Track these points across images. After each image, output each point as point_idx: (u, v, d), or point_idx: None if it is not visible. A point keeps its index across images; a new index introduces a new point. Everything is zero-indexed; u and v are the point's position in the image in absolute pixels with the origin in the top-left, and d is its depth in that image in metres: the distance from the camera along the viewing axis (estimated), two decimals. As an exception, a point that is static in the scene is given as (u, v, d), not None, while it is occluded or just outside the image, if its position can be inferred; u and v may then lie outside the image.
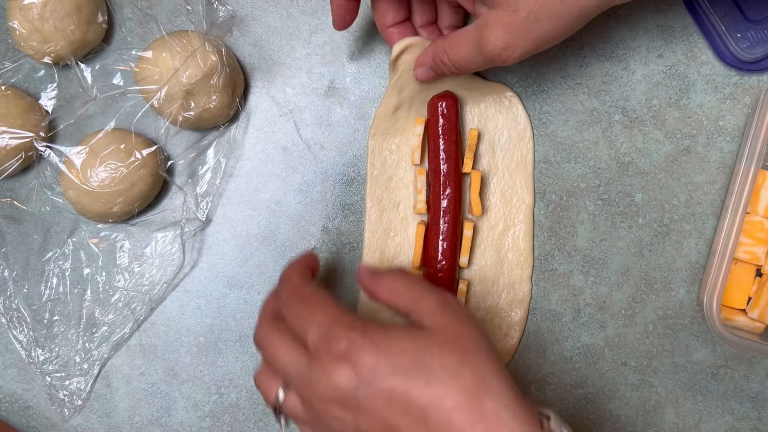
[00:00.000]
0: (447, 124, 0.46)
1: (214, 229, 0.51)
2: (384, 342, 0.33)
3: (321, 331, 0.34)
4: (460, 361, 0.32)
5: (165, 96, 0.45)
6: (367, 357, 0.32)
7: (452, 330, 0.34)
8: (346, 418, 0.33)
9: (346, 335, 0.33)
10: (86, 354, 0.50)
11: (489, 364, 0.33)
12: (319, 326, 0.34)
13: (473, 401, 0.31)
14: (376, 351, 0.32)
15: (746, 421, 0.49)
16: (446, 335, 0.34)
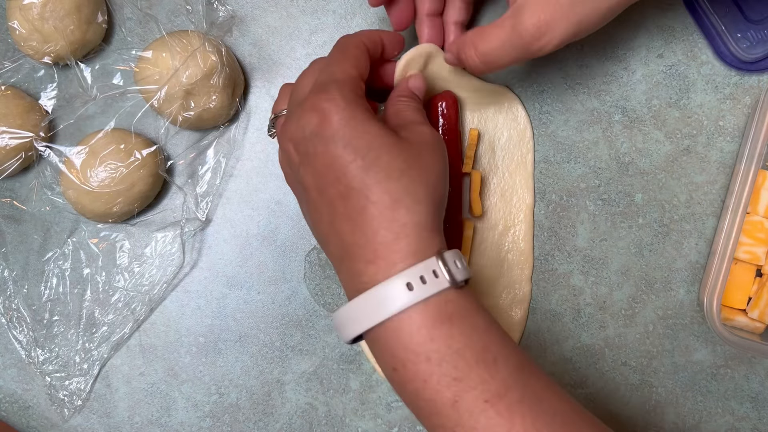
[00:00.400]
0: (447, 125, 0.46)
1: (214, 229, 0.51)
2: (358, 119, 0.35)
3: (324, 79, 0.36)
4: (405, 169, 0.34)
5: (165, 96, 0.45)
6: (336, 122, 0.34)
7: (418, 148, 0.36)
8: (294, 159, 0.37)
9: (335, 95, 0.35)
10: (86, 354, 0.50)
11: (428, 188, 0.35)
12: (328, 75, 0.36)
13: (391, 205, 0.33)
14: (348, 122, 0.34)
15: (746, 422, 0.49)
16: (410, 148, 0.35)
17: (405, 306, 0.32)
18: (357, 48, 0.39)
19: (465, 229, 0.48)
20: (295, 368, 0.50)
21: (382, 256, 0.33)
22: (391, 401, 0.50)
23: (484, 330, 0.33)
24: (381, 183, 0.34)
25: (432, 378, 0.32)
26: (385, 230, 0.33)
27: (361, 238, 0.34)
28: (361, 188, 0.34)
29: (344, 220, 0.34)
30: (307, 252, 0.50)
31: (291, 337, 0.50)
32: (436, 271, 0.33)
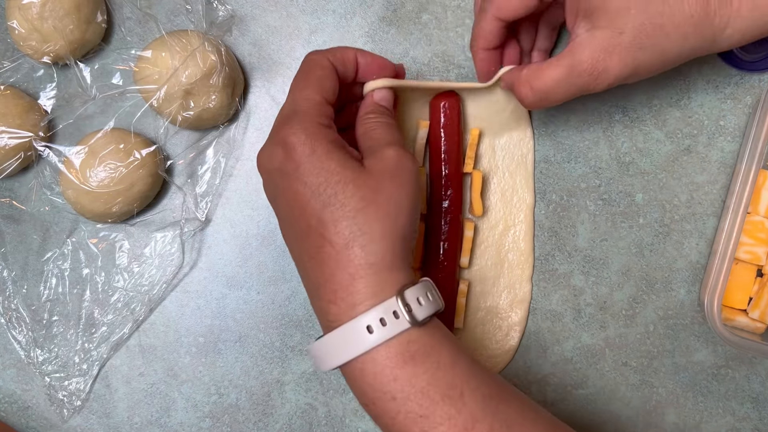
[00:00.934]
0: (449, 125, 0.46)
1: (213, 229, 0.51)
2: (318, 154, 0.35)
3: (287, 110, 0.37)
4: (361, 207, 0.34)
5: (164, 96, 0.45)
6: (297, 157, 0.35)
7: (379, 179, 0.35)
8: (268, 189, 0.38)
9: (297, 128, 0.35)
10: (85, 354, 0.50)
11: (387, 223, 0.34)
12: (291, 104, 0.37)
13: (345, 246, 0.34)
14: (308, 157, 0.34)
15: (747, 422, 0.49)
16: (370, 181, 0.35)
17: (367, 348, 0.33)
18: (322, 69, 0.38)
19: (465, 229, 0.48)
20: (295, 368, 0.50)
21: (342, 298, 0.34)
22: (391, 401, 0.50)
23: (449, 365, 0.33)
24: (336, 222, 0.34)
25: (399, 415, 0.33)
26: (342, 271, 0.34)
27: (321, 277, 0.34)
28: (317, 227, 0.34)
29: (308, 256, 0.35)
30: (307, 252, 0.50)
31: (291, 337, 0.50)
32: (396, 312, 0.33)
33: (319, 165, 0.34)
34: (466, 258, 0.48)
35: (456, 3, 0.50)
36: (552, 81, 0.39)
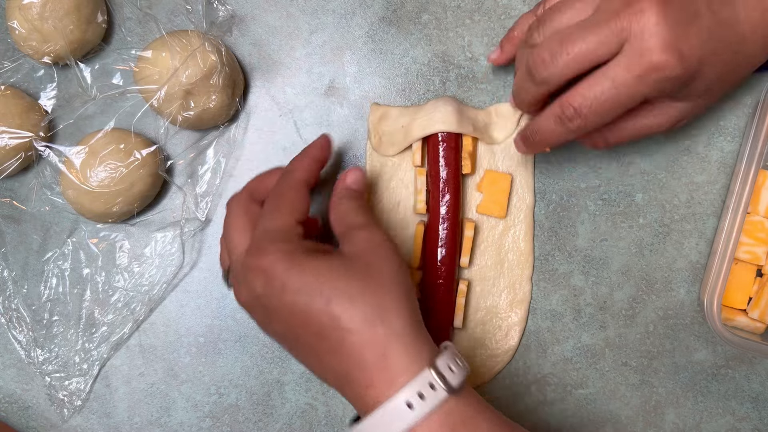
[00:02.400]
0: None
1: (213, 229, 0.51)
2: (299, 263, 0.35)
3: (258, 238, 0.37)
4: (363, 286, 0.34)
5: (165, 96, 0.45)
6: (281, 274, 0.35)
7: (365, 260, 0.36)
8: (258, 318, 0.38)
9: (272, 252, 0.36)
10: (86, 354, 0.50)
11: (392, 294, 0.35)
12: (263, 233, 0.37)
13: (366, 326, 0.34)
14: (291, 270, 0.35)
15: (747, 422, 0.49)
16: (358, 264, 0.36)
17: (410, 426, 0.32)
18: (293, 190, 0.39)
19: (465, 229, 0.48)
20: (295, 368, 0.50)
21: (377, 379, 0.34)
22: (391, 401, 0.50)
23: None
24: (347, 309, 0.34)
25: None
26: (370, 352, 0.34)
27: (351, 366, 0.34)
28: (330, 323, 0.34)
29: (329, 355, 0.35)
30: (307, 252, 0.50)
31: (291, 337, 0.50)
32: (432, 384, 0.33)
33: (307, 270, 0.35)
34: (466, 258, 0.48)
35: (456, 3, 0.50)
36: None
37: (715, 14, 0.37)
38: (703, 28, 0.36)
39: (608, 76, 0.36)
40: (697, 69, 0.37)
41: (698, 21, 0.36)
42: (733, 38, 0.38)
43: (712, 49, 0.37)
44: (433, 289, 0.47)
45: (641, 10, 0.35)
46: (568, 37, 0.37)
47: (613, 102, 0.37)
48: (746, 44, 0.39)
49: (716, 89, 0.40)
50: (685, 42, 0.36)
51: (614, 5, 0.36)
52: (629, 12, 0.36)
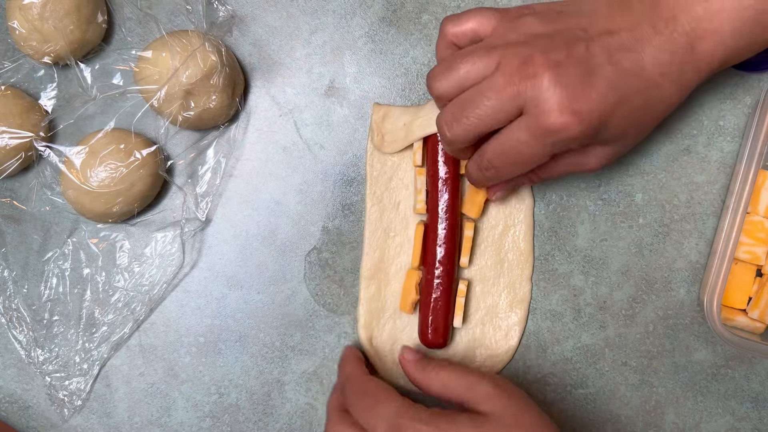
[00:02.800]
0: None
1: (214, 229, 0.51)
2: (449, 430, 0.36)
3: (388, 424, 0.37)
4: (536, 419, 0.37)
5: (165, 96, 0.45)
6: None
7: (510, 413, 0.37)
8: None
9: (412, 426, 0.36)
10: (86, 354, 0.50)
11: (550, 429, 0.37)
12: (386, 419, 0.37)
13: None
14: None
15: (747, 422, 0.49)
16: (506, 419, 0.37)
17: None
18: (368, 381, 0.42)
19: (465, 229, 0.48)
20: (295, 368, 0.50)
21: None
22: (391, 401, 0.50)
23: None
24: None
25: None
26: None
27: None
28: None
29: None
30: (307, 252, 0.50)
31: (291, 337, 0.50)
32: None
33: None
34: (466, 258, 0.48)
35: (456, 3, 0.50)
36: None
37: (617, 65, 0.36)
38: (603, 82, 0.36)
39: (512, 137, 0.37)
40: (601, 122, 0.36)
41: (597, 76, 0.36)
42: (641, 84, 0.37)
43: (616, 100, 0.36)
44: (433, 289, 0.47)
45: (534, 74, 0.35)
46: (469, 103, 0.37)
47: (522, 157, 0.37)
48: (658, 88, 0.38)
49: (633, 132, 0.40)
50: (582, 100, 0.35)
51: (511, 67, 0.36)
52: (523, 77, 0.35)
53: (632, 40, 0.37)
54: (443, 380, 0.41)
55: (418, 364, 0.43)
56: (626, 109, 0.37)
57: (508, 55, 0.36)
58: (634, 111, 0.38)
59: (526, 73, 0.35)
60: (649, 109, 0.39)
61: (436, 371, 0.42)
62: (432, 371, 0.42)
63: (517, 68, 0.36)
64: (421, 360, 0.44)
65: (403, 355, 0.45)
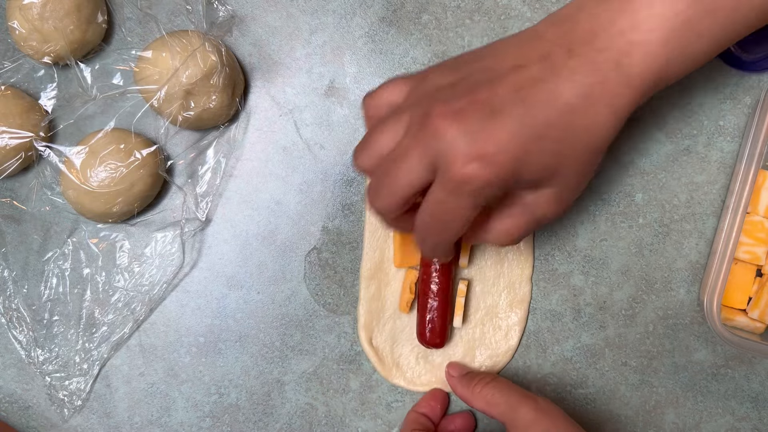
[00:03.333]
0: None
1: (214, 229, 0.51)
2: None
3: None
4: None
5: (165, 96, 0.45)
6: None
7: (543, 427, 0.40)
8: None
9: None
10: (86, 354, 0.50)
11: None
12: None
13: None
14: None
15: (746, 422, 0.49)
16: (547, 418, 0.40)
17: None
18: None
19: (465, 229, 0.48)
20: (295, 368, 0.50)
21: None
22: (391, 401, 0.50)
23: None
24: None
25: None
26: None
27: None
28: None
29: None
30: (307, 252, 0.50)
31: (291, 337, 0.50)
32: None
33: None
34: (466, 257, 0.48)
35: (456, 3, 0.50)
36: None
37: (525, 100, 0.33)
38: (510, 121, 0.33)
39: (432, 199, 0.35)
40: (517, 163, 0.33)
41: (502, 115, 0.33)
42: (556, 114, 0.33)
43: (529, 136, 0.33)
44: (429, 289, 0.47)
45: (436, 128, 0.33)
46: (385, 173, 0.36)
47: (448, 217, 0.35)
48: (583, 114, 0.34)
49: (567, 167, 0.36)
50: (488, 144, 0.32)
51: (414, 128, 0.34)
52: (426, 134, 0.34)
53: (543, 70, 0.34)
54: (487, 397, 0.43)
55: (463, 379, 0.46)
56: (544, 143, 0.34)
57: (413, 116, 0.35)
58: (556, 143, 0.34)
59: (427, 130, 0.33)
60: (576, 139, 0.34)
61: (480, 387, 0.44)
62: (477, 387, 0.44)
63: (419, 127, 0.34)
64: (467, 375, 0.46)
65: (448, 371, 0.48)
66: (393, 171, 0.35)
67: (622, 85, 0.34)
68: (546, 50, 0.34)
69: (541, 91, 0.33)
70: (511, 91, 0.33)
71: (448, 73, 0.36)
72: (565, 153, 0.35)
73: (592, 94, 0.34)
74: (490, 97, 0.33)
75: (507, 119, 0.33)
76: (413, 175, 0.35)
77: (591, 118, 0.34)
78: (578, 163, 0.36)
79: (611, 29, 0.34)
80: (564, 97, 0.33)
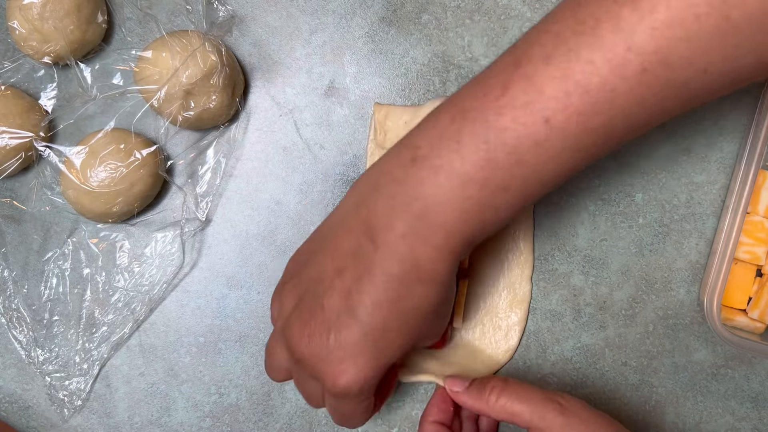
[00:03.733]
0: None
1: (214, 229, 0.51)
2: None
3: None
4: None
5: (165, 96, 0.45)
6: None
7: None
8: None
9: None
10: (86, 354, 0.50)
11: None
12: None
13: None
14: None
15: (746, 422, 0.49)
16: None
17: None
18: None
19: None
20: (295, 368, 0.50)
21: None
22: (391, 401, 0.50)
23: None
24: None
25: None
26: None
27: None
28: None
29: None
30: (307, 252, 0.50)
31: (291, 337, 0.50)
32: None
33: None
34: (466, 258, 0.48)
35: (456, 3, 0.50)
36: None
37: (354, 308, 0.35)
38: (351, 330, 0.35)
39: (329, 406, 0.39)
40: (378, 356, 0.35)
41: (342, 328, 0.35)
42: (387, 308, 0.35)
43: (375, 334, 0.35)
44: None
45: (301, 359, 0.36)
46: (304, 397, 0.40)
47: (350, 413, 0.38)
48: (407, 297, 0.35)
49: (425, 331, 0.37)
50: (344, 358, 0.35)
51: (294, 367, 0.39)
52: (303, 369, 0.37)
53: (359, 268, 0.35)
54: (506, 407, 0.40)
55: (472, 391, 0.42)
56: (392, 334, 0.35)
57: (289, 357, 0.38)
58: (402, 328, 0.35)
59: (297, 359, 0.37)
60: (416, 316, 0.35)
61: (495, 396, 0.41)
62: (491, 396, 0.41)
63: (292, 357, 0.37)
64: (475, 386, 0.42)
65: (451, 389, 0.43)
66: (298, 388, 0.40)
67: (434, 262, 0.34)
68: (354, 244, 0.35)
69: (365, 292, 0.34)
70: (341, 303, 0.35)
71: (294, 290, 0.38)
72: (412, 328, 0.36)
73: (408, 280, 0.34)
74: (327, 316, 0.35)
75: (347, 333, 0.35)
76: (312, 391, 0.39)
77: (417, 297, 0.35)
78: (428, 325, 0.37)
79: (407, 216, 0.33)
80: (386, 291, 0.34)
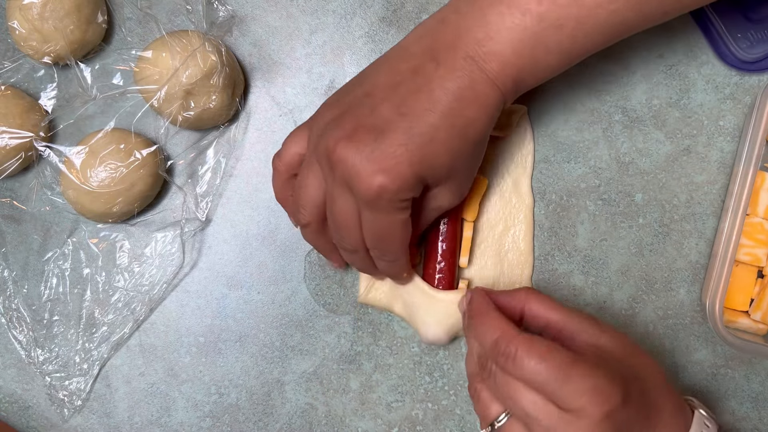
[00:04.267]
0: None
1: (214, 229, 0.51)
2: None
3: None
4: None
5: (165, 96, 0.45)
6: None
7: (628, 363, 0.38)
8: None
9: None
10: (86, 354, 0.50)
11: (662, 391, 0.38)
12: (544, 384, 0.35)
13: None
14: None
15: (746, 422, 0.49)
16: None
17: None
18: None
19: (465, 230, 0.48)
20: (295, 368, 0.50)
21: None
22: (391, 401, 0.50)
23: None
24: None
25: None
26: None
27: None
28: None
29: None
30: (307, 252, 0.50)
31: (291, 337, 0.50)
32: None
33: None
34: (466, 258, 0.48)
35: (456, 3, 0.50)
36: None
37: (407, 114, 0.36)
38: (397, 135, 0.36)
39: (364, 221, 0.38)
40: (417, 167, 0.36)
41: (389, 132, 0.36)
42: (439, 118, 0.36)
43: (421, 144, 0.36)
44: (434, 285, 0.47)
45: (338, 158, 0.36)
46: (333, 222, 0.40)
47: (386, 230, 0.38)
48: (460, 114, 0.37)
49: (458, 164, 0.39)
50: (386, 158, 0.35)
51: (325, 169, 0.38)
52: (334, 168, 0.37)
53: (417, 82, 0.37)
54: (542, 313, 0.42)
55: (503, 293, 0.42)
56: (435, 145, 0.36)
57: (319, 158, 0.38)
58: (445, 143, 0.37)
59: (333, 163, 0.36)
60: (460, 136, 0.37)
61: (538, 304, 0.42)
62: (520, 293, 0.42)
63: (327, 164, 0.37)
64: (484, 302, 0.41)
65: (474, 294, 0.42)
66: (331, 216, 0.39)
67: (488, 88, 0.37)
68: (416, 64, 0.37)
69: (419, 101, 0.36)
70: (393, 110, 0.36)
71: (334, 107, 0.39)
72: (455, 149, 0.37)
73: (464, 97, 0.36)
74: (375, 121, 0.36)
75: (394, 135, 0.36)
76: (345, 207, 0.38)
77: (468, 117, 0.37)
78: (466, 157, 0.39)
79: (469, 40, 0.37)
80: (442, 102, 0.36)
